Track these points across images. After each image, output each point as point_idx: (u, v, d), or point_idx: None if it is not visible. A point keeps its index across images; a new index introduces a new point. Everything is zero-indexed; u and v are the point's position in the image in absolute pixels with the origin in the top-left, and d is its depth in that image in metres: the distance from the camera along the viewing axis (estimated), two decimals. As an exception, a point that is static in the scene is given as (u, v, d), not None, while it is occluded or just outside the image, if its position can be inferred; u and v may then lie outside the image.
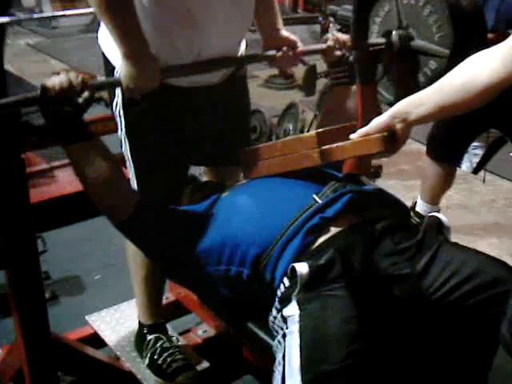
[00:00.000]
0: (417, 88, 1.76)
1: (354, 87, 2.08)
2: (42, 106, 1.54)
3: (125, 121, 1.88)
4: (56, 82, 1.51)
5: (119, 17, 1.61)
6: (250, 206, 1.66)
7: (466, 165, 2.98)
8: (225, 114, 2.01)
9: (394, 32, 2.06)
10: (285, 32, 1.96)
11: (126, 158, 1.93)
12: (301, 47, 1.95)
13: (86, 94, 1.56)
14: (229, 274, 1.62)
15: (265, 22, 1.98)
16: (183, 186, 2.00)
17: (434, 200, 3.12)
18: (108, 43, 1.85)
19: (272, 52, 1.92)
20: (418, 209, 3.14)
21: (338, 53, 1.94)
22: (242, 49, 2.00)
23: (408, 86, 2.05)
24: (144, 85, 1.65)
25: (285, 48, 1.91)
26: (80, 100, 1.55)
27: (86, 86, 1.56)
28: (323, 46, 1.94)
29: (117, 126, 1.92)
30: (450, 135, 2.92)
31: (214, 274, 1.66)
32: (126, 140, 1.90)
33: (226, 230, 1.63)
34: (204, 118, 1.95)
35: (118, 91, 1.84)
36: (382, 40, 2.08)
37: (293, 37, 1.95)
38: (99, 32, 1.91)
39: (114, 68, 1.83)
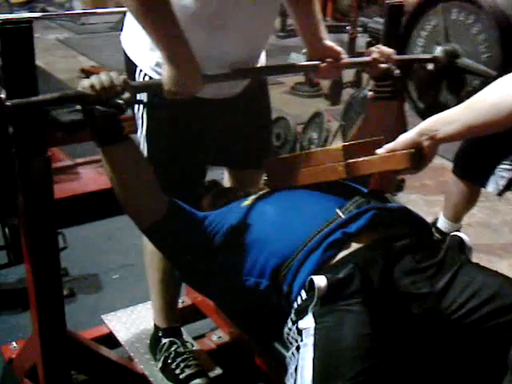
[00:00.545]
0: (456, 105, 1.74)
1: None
2: (82, 105, 1.51)
3: (147, 124, 1.88)
4: (97, 80, 1.49)
5: (159, 20, 1.59)
6: (272, 217, 1.65)
7: (492, 186, 2.94)
8: (246, 120, 2.01)
9: (439, 47, 2.03)
10: (329, 42, 1.93)
11: None
12: (345, 58, 1.92)
13: (126, 94, 1.53)
14: (246, 285, 1.62)
15: (307, 32, 1.95)
16: (199, 191, 2.00)
17: (456, 218, 3.10)
18: (131, 43, 1.87)
19: (315, 62, 1.89)
20: (439, 225, 3.12)
21: (384, 66, 1.90)
22: (263, 58, 2.00)
23: (445, 101, 2.03)
24: (187, 89, 1.63)
25: (329, 59, 1.88)
26: (120, 101, 1.52)
27: (128, 86, 1.54)
28: (368, 58, 1.91)
29: (136, 127, 1.91)
30: (477, 155, 2.89)
31: (232, 284, 1.66)
32: (145, 142, 1.91)
33: (246, 240, 1.62)
34: (225, 125, 1.95)
35: (142, 94, 1.84)
36: (427, 55, 2.06)
37: (337, 47, 1.92)
38: (122, 32, 1.91)
39: (136, 67, 1.84)
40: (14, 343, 2.23)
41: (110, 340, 2.30)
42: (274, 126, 4.35)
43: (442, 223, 3.11)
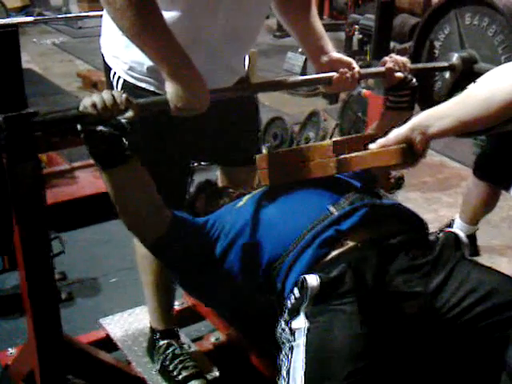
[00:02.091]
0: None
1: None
2: (82, 126, 1.44)
3: None
4: (99, 99, 1.43)
5: (155, 36, 1.53)
6: (264, 216, 1.63)
7: None
8: (232, 118, 1.98)
9: (456, 55, 2.00)
10: (336, 54, 1.88)
11: None
12: (357, 68, 1.86)
13: (129, 113, 1.46)
14: (241, 285, 1.62)
15: (311, 47, 1.92)
16: (183, 189, 1.99)
17: (473, 221, 3.06)
18: (107, 46, 1.86)
19: (329, 74, 1.84)
20: (455, 228, 3.06)
21: (400, 74, 1.86)
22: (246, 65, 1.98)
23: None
24: (194, 105, 1.57)
25: (341, 69, 1.83)
26: (123, 120, 1.45)
27: (131, 104, 1.47)
28: (382, 68, 1.87)
29: None
30: (503, 158, 2.84)
31: (229, 287, 1.65)
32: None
33: (241, 242, 1.61)
34: (210, 123, 1.90)
35: None
36: (443, 63, 2.03)
37: (346, 58, 1.87)
38: (101, 36, 1.90)
39: (110, 70, 1.84)
40: (10, 349, 2.23)
41: (108, 343, 2.29)
42: (270, 125, 4.36)
43: (459, 226, 3.05)
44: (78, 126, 1.44)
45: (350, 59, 1.87)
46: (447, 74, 2.07)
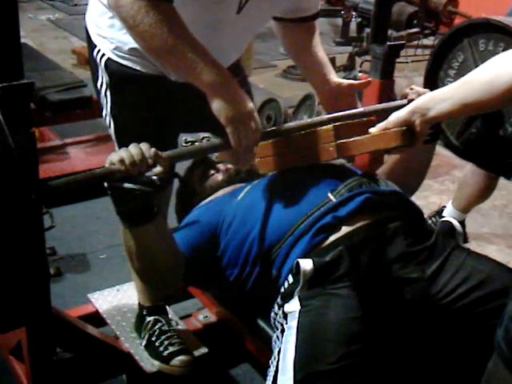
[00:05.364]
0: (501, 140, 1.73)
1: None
2: (110, 184, 1.38)
3: (111, 101, 1.83)
4: (126, 154, 1.37)
5: (188, 50, 1.47)
6: (263, 205, 1.63)
7: None
8: None
9: None
10: (336, 79, 1.93)
11: (113, 138, 1.90)
12: (382, 104, 1.88)
13: (158, 168, 1.39)
14: (243, 274, 1.64)
15: (314, 77, 1.98)
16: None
17: (465, 208, 3.06)
18: (93, 23, 1.83)
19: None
20: (446, 214, 3.06)
21: None
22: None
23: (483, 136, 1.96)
24: (242, 108, 1.50)
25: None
26: (153, 176, 1.38)
27: (160, 159, 1.40)
28: (404, 101, 1.81)
29: (101, 106, 1.88)
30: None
31: (231, 277, 1.67)
32: (112, 120, 1.86)
33: (240, 233, 1.62)
34: (199, 99, 1.90)
35: (102, 72, 1.81)
36: None
37: (344, 81, 1.92)
38: (87, 14, 1.87)
39: (95, 47, 1.81)
40: (-1, 321, 2.22)
41: (97, 319, 2.29)
42: (264, 107, 4.33)
43: (450, 212, 3.04)
44: (105, 184, 1.40)
45: (348, 81, 1.93)
46: None
